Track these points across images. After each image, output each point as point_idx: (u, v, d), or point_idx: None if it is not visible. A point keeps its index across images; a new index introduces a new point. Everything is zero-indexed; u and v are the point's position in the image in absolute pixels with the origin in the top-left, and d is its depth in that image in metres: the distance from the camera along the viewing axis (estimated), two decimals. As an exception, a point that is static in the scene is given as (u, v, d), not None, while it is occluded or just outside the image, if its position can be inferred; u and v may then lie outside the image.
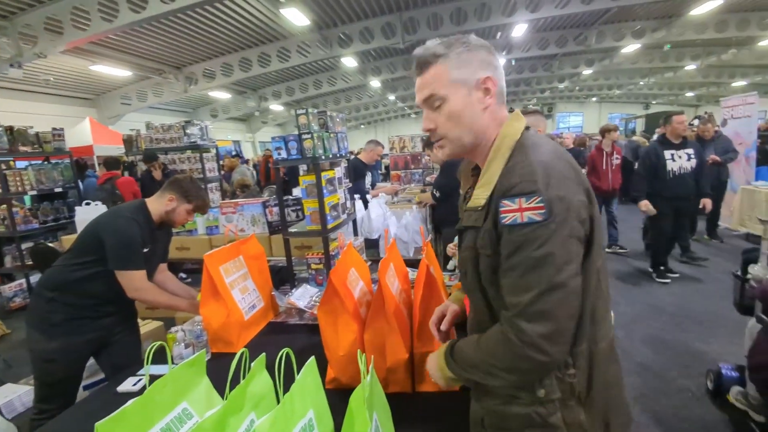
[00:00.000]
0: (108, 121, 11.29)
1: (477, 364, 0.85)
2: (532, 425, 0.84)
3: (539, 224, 0.74)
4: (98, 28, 6.58)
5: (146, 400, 0.85)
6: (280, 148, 2.05)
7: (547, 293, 0.74)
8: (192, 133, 4.63)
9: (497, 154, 0.86)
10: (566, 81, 18.96)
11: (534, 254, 0.74)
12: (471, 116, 0.87)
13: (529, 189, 0.75)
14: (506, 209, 0.76)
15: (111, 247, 1.76)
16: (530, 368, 0.78)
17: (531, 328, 0.74)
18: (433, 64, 0.88)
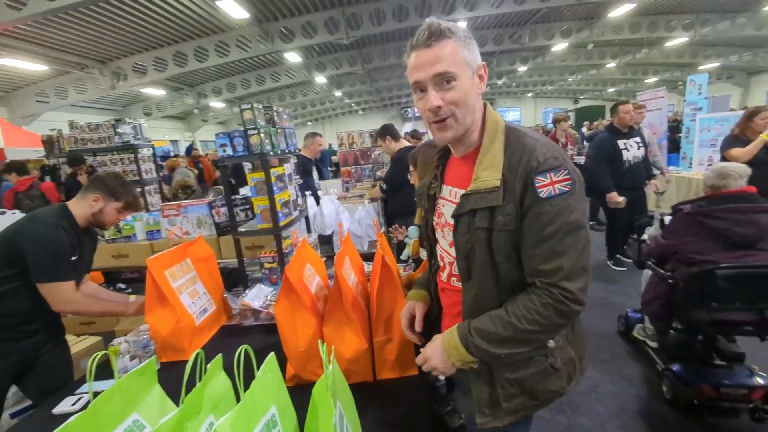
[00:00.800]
0: (21, 121, 10.12)
1: (510, 337, 0.89)
2: (547, 376, 0.96)
3: (568, 193, 0.84)
4: (4, 17, 5.89)
5: (91, 415, 0.79)
6: (225, 145, 1.97)
7: (584, 251, 0.86)
8: (124, 132, 4.29)
9: (494, 137, 0.93)
10: (504, 77, 19.90)
11: (569, 219, 0.84)
12: (473, 98, 0.92)
13: (556, 164, 0.85)
14: (541, 184, 0.84)
15: (34, 258, 1.56)
16: (567, 321, 0.90)
17: (573, 286, 0.85)
18: (448, 39, 0.87)
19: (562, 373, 0.98)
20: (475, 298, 0.97)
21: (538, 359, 0.96)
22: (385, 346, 1.34)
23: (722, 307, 1.93)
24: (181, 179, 3.99)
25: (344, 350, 1.27)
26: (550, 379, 0.97)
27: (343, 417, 0.87)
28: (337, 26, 9.40)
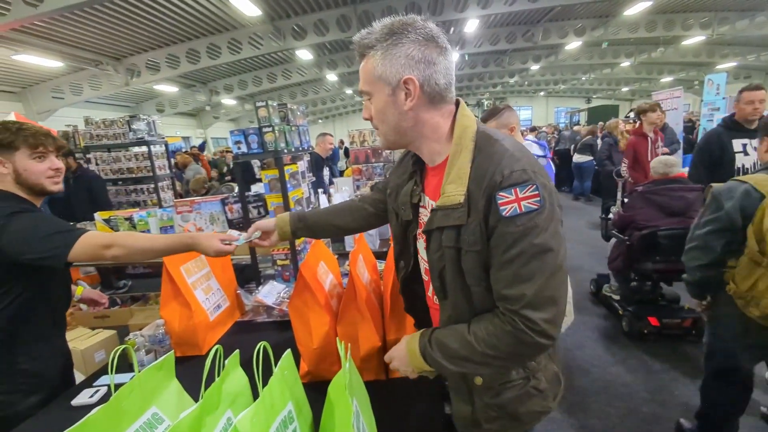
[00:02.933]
0: (38, 117, 10.31)
1: (466, 357, 0.84)
2: (529, 398, 0.93)
3: (537, 212, 0.74)
4: (21, 14, 5.99)
5: (112, 408, 0.81)
6: (239, 142, 1.98)
7: (552, 278, 0.76)
8: (138, 128, 4.34)
9: (460, 147, 0.83)
10: (516, 76, 19.73)
11: (535, 241, 0.74)
12: (395, 116, 0.85)
13: (522, 178, 0.75)
14: (504, 201, 0.75)
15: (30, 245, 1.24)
16: (533, 353, 0.85)
17: (538, 316, 0.75)
18: (365, 56, 0.85)
19: (547, 393, 0.94)
20: (449, 319, 0.91)
21: (518, 382, 0.91)
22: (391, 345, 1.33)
23: (663, 259, 2.67)
24: (199, 177, 4.01)
25: (358, 348, 1.27)
26: (533, 400, 0.93)
27: (360, 415, 0.87)
28: (349, 24, 9.39)
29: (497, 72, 18.45)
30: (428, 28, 0.82)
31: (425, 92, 0.82)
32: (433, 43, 0.82)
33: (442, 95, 0.85)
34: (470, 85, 21.56)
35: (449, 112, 0.88)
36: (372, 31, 0.84)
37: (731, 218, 1.45)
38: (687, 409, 2.24)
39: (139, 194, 4.67)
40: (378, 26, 0.83)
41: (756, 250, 1.35)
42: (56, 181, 1.43)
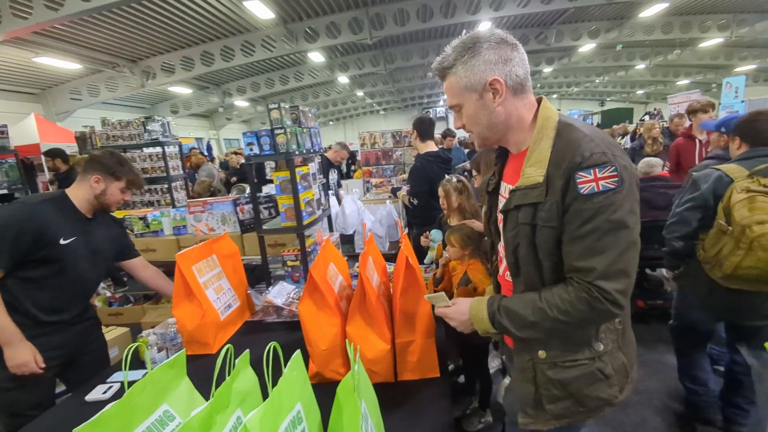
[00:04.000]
0: (56, 118, 10.55)
1: (535, 323, 0.92)
2: (594, 381, 0.95)
3: (614, 191, 0.82)
4: (42, 17, 6.13)
5: (125, 404, 0.82)
6: (252, 144, 2.01)
7: (625, 252, 0.84)
8: (153, 129, 4.42)
9: (542, 134, 0.93)
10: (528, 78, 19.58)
11: (611, 218, 0.82)
12: (486, 116, 0.96)
13: (602, 160, 0.82)
14: (583, 180, 0.83)
15: None
16: (599, 320, 0.92)
17: (611, 287, 0.83)
18: (447, 76, 0.98)
19: (613, 380, 0.96)
20: (522, 292, 0.99)
21: (584, 362, 0.95)
22: (408, 348, 1.33)
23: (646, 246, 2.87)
24: (205, 180, 4.07)
25: (367, 350, 1.27)
26: (598, 385, 0.95)
27: (368, 417, 0.87)
28: (361, 26, 9.43)
29: (509, 74, 18.29)
30: (495, 33, 0.94)
31: (509, 87, 0.93)
32: (503, 43, 0.93)
33: (523, 85, 0.95)
34: (482, 87, 21.46)
35: (531, 103, 0.98)
36: (447, 54, 0.97)
37: (705, 198, 1.76)
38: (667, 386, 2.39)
39: (153, 194, 4.74)
40: (450, 48, 0.97)
41: (723, 221, 1.67)
42: (119, 207, 1.85)
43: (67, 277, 1.62)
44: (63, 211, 1.63)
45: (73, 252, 1.62)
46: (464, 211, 2.20)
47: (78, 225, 1.66)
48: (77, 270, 1.65)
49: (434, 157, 2.86)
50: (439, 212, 2.51)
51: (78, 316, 1.72)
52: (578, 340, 0.95)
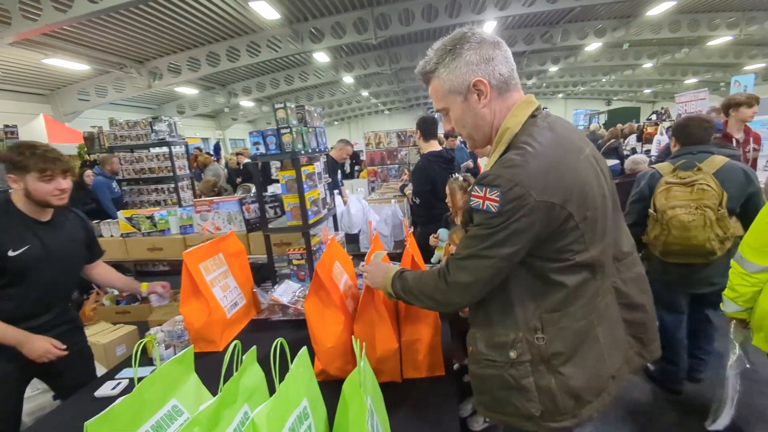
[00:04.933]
0: (64, 118, 10.66)
1: (410, 289, 1.06)
2: (507, 387, 0.96)
3: (493, 214, 0.86)
4: (51, 19, 6.20)
5: (135, 399, 0.83)
6: (258, 143, 2.02)
7: (474, 256, 0.91)
8: (160, 129, 4.46)
9: (497, 146, 0.95)
10: (534, 78, 19.50)
11: (482, 232, 0.89)
12: (472, 118, 0.97)
13: (494, 183, 0.85)
14: (475, 194, 0.88)
15: None
16: (444, 302, 1.00)
17: (453, 275, 0.94)
18: (430, 80, 0.99)
19: (531, 396, 0.93)
20: None
21: (499, 364, 0.97)
22: (413, 346, 1.34)
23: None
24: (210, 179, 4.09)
25: (375, 349, 1.28)
26: (511, 392, 0.96)
27: (374, 414, 0.88)
28: (366, 26, 9.44)
29: (514, 74, 18.23)
30: (477, 33, 0.93)
31: (494, 86, 0.93)
32: (484, 43, 0.93)
33: (507, 83, 0.95)
34: (487, 87, 21.38)
35: (513, 104, 0.96)
36: (429, 58, 0.97)
37: (643, 192, 2.13)
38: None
39: (159, 194, 4.79)
40: (432, 51, 0.97)
41: (652, 210, 2.06)
42: (61, 198, 1.61)
43: (31, 285, 1.56)
44: (10, 221, 1.55)
45: (31, 260, 1.54)
46: None
47: (30, 233, 1.57)
48: (42, 276, 1.58)
49: (436, 157, 2.87)
50: (444, 211, 2.51)
51: (53, 320, 1.65)
52: (497, 343, 0.97)
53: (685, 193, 1.98)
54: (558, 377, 0.93)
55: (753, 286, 1.56)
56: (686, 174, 2.01)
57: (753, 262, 1.54)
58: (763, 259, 1.51)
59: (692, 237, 1.95)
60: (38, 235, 1.59)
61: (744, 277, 1.58)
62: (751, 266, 1.55)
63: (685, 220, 1.95)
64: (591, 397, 0.95)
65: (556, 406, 0.93)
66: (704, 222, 1.93)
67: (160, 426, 0.86)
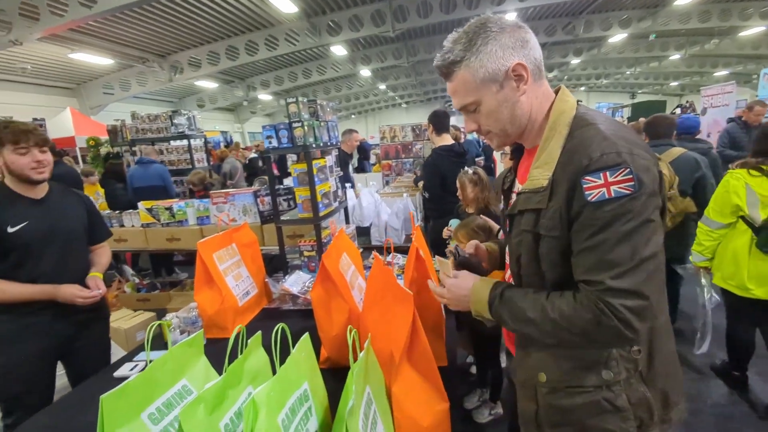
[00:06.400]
0: (90, 111, 11.01)
1: (533, 320, 0.81)
2: (601, 412, 0.82)
3: (629, 197, 0.70)
4: (77, 14, 6.39)
5: (148, 377, 0.89)
6: (270, 137, 2.06)
7: (638, 267, 0.71)
8: (179, 122, 4.58)
9: (554, 132, 0.82)
10: (555, 70, 19.07)
11: (624, 228, 0.71)
12: (509, 108, 0.85)
13: (614, 161, 0.71)
14: (591, 185, 0.72)
15: None
16: (608, 340, 0.77)
17: (620, 303, 0.71)
18: (455, 72, 0.85)
19: (627, 414, 0.81)
20: None
21: (589, 389, 0.82)
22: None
23: None
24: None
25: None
26: (606, 417, 0.82)
27: (372, 402, 0.91)
28: (384, 19, 9.41)
29: (535, 66, 17.87)
30: (500, 18, 0.84)
31: (531, 71, 0.84)
32: (514, 26, 0.83)
33: (540, 69, 0.86)
34: (506, 80, 21.03)
35: (547, 92, 0.88)
36: (450, 48, 0.85)
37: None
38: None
39: (178, 185, 4.92)
40: (451, 41, 0.85)
41: None
42: (40, 172, 1.63)
43: (39, 265, 1.62)
44: (4, 199, 1.60)
45: (31, 236, 1.60)
46: (480, 203, 2.22)
47: (26, 210, 1.62)
48: (47, 254, 1.64)
49: (447, 150, 2.87)
50: (455, 203, 2.52)
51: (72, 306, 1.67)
52: (583, 365, 0.83)
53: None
54: (650, 383, 0.83)
55: (714, 240, 2.15)
56: None
57: (715, 220, 2.11)
58: (722, 218, 2.08)
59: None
60: (35, 212, 1.64)
61: (708, 233, 2.16)
62: (713, 224, 2.13)
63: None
64: (677, 398, 0.87)
65: (651, 416, 0.83)
66: None
67: (170, 404, 0.91)
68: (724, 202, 2.05)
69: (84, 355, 1.80)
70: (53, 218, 1.68)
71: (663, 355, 0.85)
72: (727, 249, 2.10)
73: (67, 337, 1.73)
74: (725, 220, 2.07)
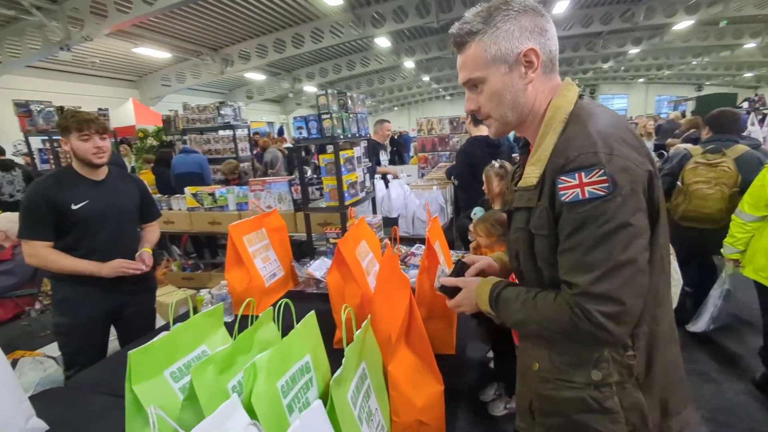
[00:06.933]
0: (149, 102, 11.84)
1: (523, 321, 0.85)
2: (587, 410, 0.82)
3: (603, 199, 0.70)
4: (140, 11, 6.89)
5: (170, 339, 0.99)
6: (301, 128, 2.16)
7: (613, 271, 0.70)
8: (225, 113, 4.83)
9: (549, 128, 0.81)
10: (611, 60, 17.98)
11: (598, 231, 0.70)
12: (513, 94, 0.83)
13: (589, 162, 0.70)
14: (565, 185, 0.72)
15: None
16: (588, 341, 0.79)
17: (595, 308, 0.71)
18: (469, 43, 0.83)
19: (618, 417, 0.80)
20: None
21: (577, 386, 0.82)
22: (426, 324, 1.40)
23: None
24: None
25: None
26: (593, 415, 0.81)
27: (367, 377, 0.97)
28: (428, 9, 9.32)
29: (588, 57, 16.96)
30: (530, 2, 0.82)
31: (543, 61, 0.82)
32: (537, 12, 0.82)
33: (553, 63, 0.85)
34: (556, 71, 20.11)
35: (556, 86, 0.86)
36: (469, 19, 0.83)
37: (674, 168, 2.66)
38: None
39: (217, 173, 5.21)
40: (472, 13, 0.83)
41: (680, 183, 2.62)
42: (100, 156, 1.84)
43: (95, 239, 1.83)
44: (70, 180, 1.83)
45: (90, 213, 1.81)
46: (506, 197, 2.20)
47: (88, 190, 1.84)
48: (102, 230, 1.85)
49: (482, 141, 2.85)
50: (483, 194, 2.52)
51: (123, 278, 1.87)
52: (574, 361, 0.83)
53: (709, 172, 2.48)
54: (647, 390, 0.81)
55: (747, 233, 2.20)
56: (713, 157, 2.49)
57: (749, 213, 2.15)
58: (756, 211, 2.13)
59: (707, 207, 2.48)
60: (95, 192, 1.85)
61: (742, 226, 2.20)
62: (747, 217, 2.17)
63: (706, 193, 2.47)
64: (678, 406, 0.85)
65: (646, 423, 0.81)
66: (720, 196, 2.45)
67: (190, 365, 1.02)
68: (760, 196, 2.09)
69: (132, 321, 2.02)
70: (110, 198, 1.90)
71: (663, 362, 0.83)
72: (760, 242, 2.14)
73: (118, 304, 1.95)
74: (759, 213, 2.12)
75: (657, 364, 0.82)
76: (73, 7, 7.10)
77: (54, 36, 7.29)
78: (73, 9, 7.11)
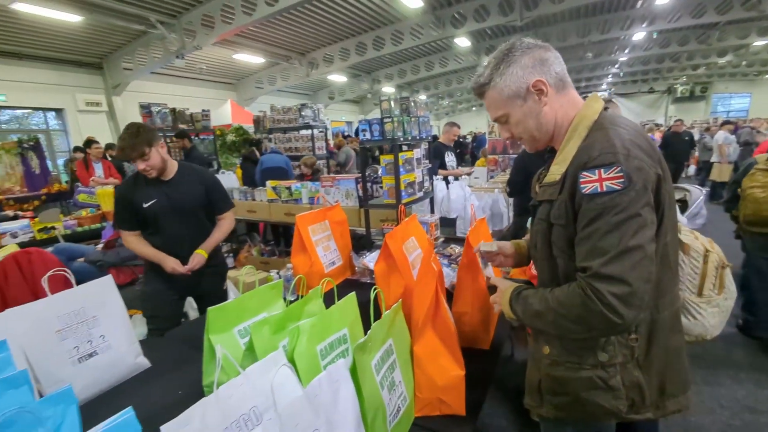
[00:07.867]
0: (244, 103, 13.11)
1: (541, 313, 0.93)
2: (594, 388, 0.94)
3: (619, 192, 0.81)
4: (241, 21, 7.71)
5: (240, 303, 1.23)
6: (365, 130, 2.35)
7: (623, 255, 0.80)
8: (306, 114, 5.26)
9: (574, 133, 0.94)
10: (729, 54, 15.72)
11: (612, 219, 0.81)
12: (534, 118, 0.99)
13: (609, 160, 0.82)
14: (586, 180, 0.84)
15: None
16: (599, 326, 0.84)
17: (605, 288, 0.80)
18: (487, 92, 1.02)
19: (620, 393, 0.92)
20: (539, 286, 1.04)
21: (585, 367, 0.94)
22: (461, 318, 1.49)
23: None
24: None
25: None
26: (598, 392, 0.93)
27: (393, 352, 1.10)
28: (512, 6, 9.06)
29: (699, 51, 15.04)
30: (524, 40, 0.99)
31: (552, 84, 0.97)
32: (535, 47, 0.98)
33: (563, 81, 0.99)
34: (659, 68, 18.06)
35: (574, 99, 1.00)
36: (481, 72, 1.03)
37: (739, 176, 2.69)
38: None
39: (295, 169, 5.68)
40: (482, 67, 1.03)
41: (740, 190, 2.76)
42: (149, 173, 2.07)
43: (164, 233, 2.13)
44: (143, 181, 2.09)
45: (158, 210, 2.09)
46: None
47: (156, 189, 2.10)
48: (169, 225, 2.12)
49: None
50: None
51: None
52: (582, 345, 0.94)
53: (765, 176, 2.50)
54: (646, 370, 0.93)
55: None
56: None
57: None
58: None
59: (763, 210, 2.50)
60: (162, 191, 2.11)
61: None
62: None
63: (758, 196, 2.50)
64: (676, 390, 0.96)
65: (644, 399, 0.93)
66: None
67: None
68: None
69: (204, 299, 2.35)
70: (173, 197, 2.13)
71: (664, 348, 0.94)
72: None
73: (187, 283, 2.22)
74: None
75: (656, 349, 0.94)
76: (188, 20, 8.18)
77: (172, 46, 8.47)
78: (188, 22, 8.20)
